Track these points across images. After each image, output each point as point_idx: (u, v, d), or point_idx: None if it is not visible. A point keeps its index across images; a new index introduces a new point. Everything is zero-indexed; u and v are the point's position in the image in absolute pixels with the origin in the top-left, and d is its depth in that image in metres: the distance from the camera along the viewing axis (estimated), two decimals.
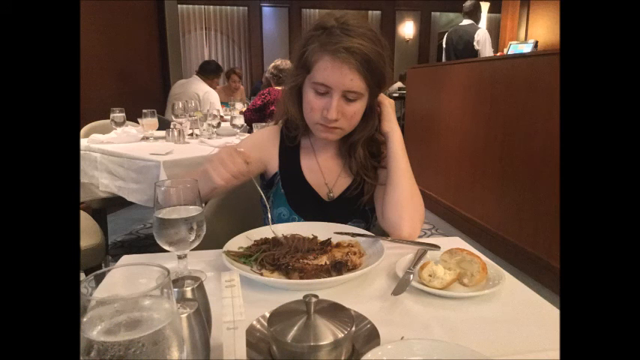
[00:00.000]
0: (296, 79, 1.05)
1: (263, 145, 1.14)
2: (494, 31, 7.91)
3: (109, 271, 0.44)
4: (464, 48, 4.52)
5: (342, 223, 1.00)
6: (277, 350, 0.53)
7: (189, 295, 0.53)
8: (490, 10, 5.04)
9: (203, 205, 0.77)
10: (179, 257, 0.75)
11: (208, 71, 4.29)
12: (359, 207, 1.10)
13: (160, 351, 0.37)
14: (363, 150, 1.09)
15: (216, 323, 0.55)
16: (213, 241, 0.88)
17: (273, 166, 1.13)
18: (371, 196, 1.10)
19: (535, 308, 0.70)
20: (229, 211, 1.25)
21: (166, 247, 0.73)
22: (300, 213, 1.09)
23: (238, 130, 2.63)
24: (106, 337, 0.36)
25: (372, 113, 1.07)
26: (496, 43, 7.01)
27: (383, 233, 1.06)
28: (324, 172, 1.12)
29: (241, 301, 0.49)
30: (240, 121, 2.69)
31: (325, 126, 1.01)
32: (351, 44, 0.93)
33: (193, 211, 0.73)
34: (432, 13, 9.67)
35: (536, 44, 4.97)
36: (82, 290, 0.38)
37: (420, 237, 0.99)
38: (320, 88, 0.98)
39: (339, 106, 0.98)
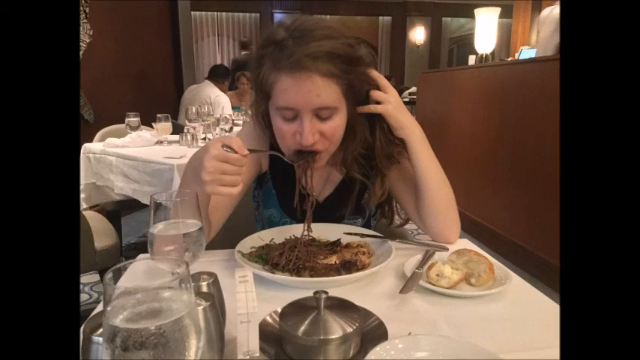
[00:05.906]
0: (258, 108, 0.94)
1: (255, 141, 1.00)
2: (506, 35, 7.89)
3: (130, 264, 0.46)
4: None
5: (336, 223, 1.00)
6: (288, 343, 0.55)
7: (204, 289, 0.55)
8: (501, 15, 5.02)
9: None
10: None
11: (218, 75, 4.35)
12: (356, 206, 1.05)
13: (179, 339, 0.40)
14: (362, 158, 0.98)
15: (230, 317, 0.57)
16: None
17: (264, 163, 1.05)
18: (371, 197, 1.02)
19: (541, 307, 0.71)
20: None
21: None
22: (292, 215, 1.04)
23: None
24: (129, 325, 0.39)
25: (360, 122, 0.93)
26: (507, 48, 6.98)
27: (387, 233, 1.06)
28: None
29: (254, 296, 0.51)
30: None
31: (303, 152, 0.89)
32: (309, 51, 0.80)
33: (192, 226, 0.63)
34: (443, 18, 9.66)
35: None
36: (107, 281, 0.41)
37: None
38: (286, 113, 0.85)
39: (313, 128, 0.85)
